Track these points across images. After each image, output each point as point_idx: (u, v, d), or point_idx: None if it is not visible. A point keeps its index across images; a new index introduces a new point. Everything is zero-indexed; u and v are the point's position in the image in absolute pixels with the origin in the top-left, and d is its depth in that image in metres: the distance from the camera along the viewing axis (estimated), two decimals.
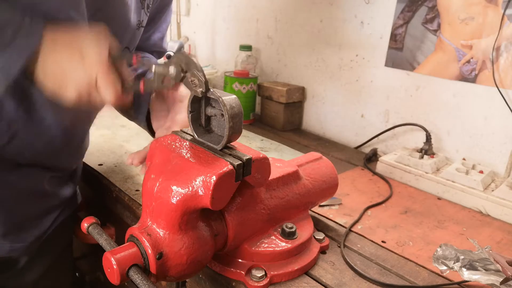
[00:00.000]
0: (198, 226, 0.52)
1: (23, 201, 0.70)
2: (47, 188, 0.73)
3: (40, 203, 0.73)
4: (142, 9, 0.72)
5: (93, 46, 0.53)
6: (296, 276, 0.60)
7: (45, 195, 0.74)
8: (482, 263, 0.55)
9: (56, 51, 0.53)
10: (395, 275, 0.63)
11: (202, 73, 0.52)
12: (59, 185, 0.77)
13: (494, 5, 0.91)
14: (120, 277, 0.46)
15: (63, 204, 0.79)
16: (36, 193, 0.72)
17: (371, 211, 0.82)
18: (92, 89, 0.53)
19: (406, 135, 1.12)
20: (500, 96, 0.92)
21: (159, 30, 0.86)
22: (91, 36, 0.54)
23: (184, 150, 0.54)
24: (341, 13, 1.21)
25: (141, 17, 0.73)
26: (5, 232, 0.68)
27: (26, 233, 0.72)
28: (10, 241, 0.70)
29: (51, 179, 0.73)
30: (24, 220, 0.71)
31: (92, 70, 0.52)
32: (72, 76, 0.52)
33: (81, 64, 0.52)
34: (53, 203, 0.76)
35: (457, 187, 0.88)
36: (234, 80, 1.31)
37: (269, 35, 1.45)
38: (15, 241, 0.71)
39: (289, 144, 1.17)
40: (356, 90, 1.21)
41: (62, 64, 0.53)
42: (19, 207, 0.69)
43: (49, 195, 0.74)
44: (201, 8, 1.74)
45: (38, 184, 0.71)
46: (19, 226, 0.70)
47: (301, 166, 0.69)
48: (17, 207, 0.69)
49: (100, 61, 0.53)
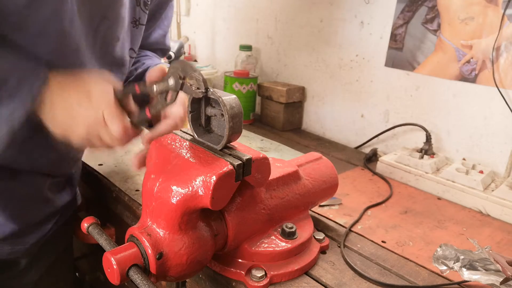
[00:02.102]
0: (198, 226, 0.52)
1: (24, 208, 0.70)
2: (48, 194, 0.73)
3: (40, 209, 0.73)
4: (137, 6, 0.71)
5: (98, 85, 0.55)
6: (296, 276, 0.60)
7: (46, 201, 0.74)
8: (482, 263, 0.55)
9: (64, 94, 0.54)
10: (395, 275, 0.63)
11: (199, 73, 0.53)
12: (59, 191, 0.77)
13: (494, 5, 0.91)
14: (120, 277, 0.46)
15: (63, 208, 0.79)
16: (37, 199, 0.72)
17: (371, 211, 0.82)
18: (101, 127, 0.54)
19: (406, 135, 1.12)
20: (500, 96, 0.92)
21: (160, 27, 0.86)
22: (95, 77, 0.57)
23: (184, 150, 0.54)
24: (341, 13, 1.21)
25: (137, 14, 0.72)
26: (5, 237, 0.68)
27: (26, 237, 0.72)
28: (10, 244, 0.70)
29: (51, 185, 0.73)
30: (24, 226, 0.71)
31: (100, 108, 0.54)
32: (81, 116, 0.54)
33: (89, 104, 0.54)
34: (54, 209, 0.76)
35: (457, 187, 0.88)
36: (234, 80, 1.31)
37: (269, 35, 1.45)
38: (15, 244, 0.71)
39: (289, 144, 1.17)
40: (356, 90, 1.21)
41: (71, 106, 0.54)
42: (20, 213, 0.69)
43: (50, 201, 0.74)
44: (201, 8, 1.74)
45: (38, 191, 0.71)
46: (19, 231, 0.70)
47: (301, 166, 0.69)
48: (18, 214, 0.69)
49: (106, 98, 0.54)
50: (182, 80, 0.54)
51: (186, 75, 0.54)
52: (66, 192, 0.79)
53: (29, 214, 0.71)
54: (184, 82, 0.54)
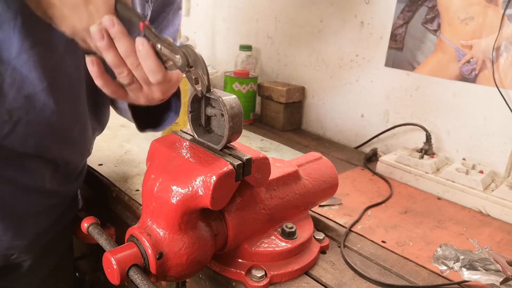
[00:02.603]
0: (198, 226, 0.52)
1: (22, 198, 0.69)
2: (48, 186, 0.72)
3: (39, 200, 0.72)
4: (146, 2, 0.71)
5: None
6: (296, 276, 0.60)
7: (45, 192, 0.73)
8: (482, 263, 0.55)
9: None
10: (395, 275, 0.63)
11: (207, 77, 0.51)
12: (60, 184, 0.76)
13: (494, 5, 0.91)
14: (120, 277, 0.46)
15: (63, 204, 0.79)
16: (36, 189, 0.71)
17: (371, 211, 0.82)
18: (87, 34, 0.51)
19: (406, 135, 1.12)
20: (500, 96, 0.92)
21: (165, 33, 0.81)
22: None
23: (184, 150, 0.54)
24: (341, 13, 1.21)
25: (146, 11, 0.72)
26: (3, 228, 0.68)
27: (24, 230, 0.71)
28: (9, 237, 0.70)
29: (52, 176, 0.73)
30: (22, 217, 0.70)
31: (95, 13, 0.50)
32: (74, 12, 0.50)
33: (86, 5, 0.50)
34: (53, 202, 0.76)
35: (457, 187, 0.88)
36: (234, 80, 1.31)
37: (269, 35, 1.45)
38: (14, 238, 0.70)
39: (289, 144, 1.17)
40: (356, 90, 1.21)
41: None
42: (18, 203, 0.69)
43: (49, 193, 0.74)
44: (201, 8, 1.74)
45: (38, 181, 0.71)
46: (17, 222, 0.70)
47: (301, 166, 0.69)
48: (16, 203, 0.68)
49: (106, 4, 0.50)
50: (189, 69, 0.51)
51: (194, 68, 0.51)
52: (67, 186, 0.78)
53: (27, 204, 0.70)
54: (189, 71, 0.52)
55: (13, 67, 0.58)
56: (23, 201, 0.70)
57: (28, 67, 0.59)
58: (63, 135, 0.70)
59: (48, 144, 0.68)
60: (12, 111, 0.61)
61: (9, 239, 0.70)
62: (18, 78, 0.59)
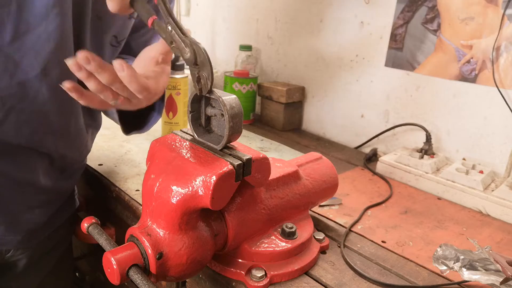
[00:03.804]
0: (198, 226, 0.52)
1: (15, 192, 0.69)
2: (42, 181, 0.72)
3: (33, 195, 0.72)
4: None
5: None
6: (296, 276, 0.60)
7: (40, 188, 0.72)
8: (482, 263, 0.55)
9: None
10: (395, 275, 0.63)
11: (211, 82, 0.50)
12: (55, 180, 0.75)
13: (494, 5, 0.91)
14: (120, 277, 0.46)
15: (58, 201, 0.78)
16: (30, 184, 0.70)
17: (371, 211, 0.82)
18: None
19: (406, 135, 1.12)
20: (500, 96, 0.92)
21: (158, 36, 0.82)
22: None
23: (184, 150, 0.54)
24: (341, 13, 1.21)
25: None
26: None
27: (17, 225, 0.71)
28: (1, 232, 0.69)
29: (47, 170, 0.72)
30: (15, 211, 0.70)
31: None
32: None
33: None
34: (48, 197, 0.75)
35: (457, 187, 0.88)
36: (234, 80, 1.31)
37: (269, 35, 1.45)
38: (6, 232, 0.70)
39: (289, 144, 1.17)
40: (356, 90, 1.21)
41: None
42: (10, 197, 0.68)
43: (44, 188, 0.73)
44: (201, 8, 1.74)
45: (32, 175, 0.70)
46: (10, 217, 0.69)
47: (301, 166, 0.69)
48: (8, 197, 0.68)
49: None
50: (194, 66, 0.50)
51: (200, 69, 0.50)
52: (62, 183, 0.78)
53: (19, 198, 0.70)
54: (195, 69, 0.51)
55: (5, 54, 0.58)
56: (16, 196, 0.69)
57: (21, 54, 0.59)
58: (57, 126, 0.69)
59: (41, 134, 0.68)
60: (4, 98, 0.60)
61: (1, 234, 0.69)
62: (10, 64, 0.59)
